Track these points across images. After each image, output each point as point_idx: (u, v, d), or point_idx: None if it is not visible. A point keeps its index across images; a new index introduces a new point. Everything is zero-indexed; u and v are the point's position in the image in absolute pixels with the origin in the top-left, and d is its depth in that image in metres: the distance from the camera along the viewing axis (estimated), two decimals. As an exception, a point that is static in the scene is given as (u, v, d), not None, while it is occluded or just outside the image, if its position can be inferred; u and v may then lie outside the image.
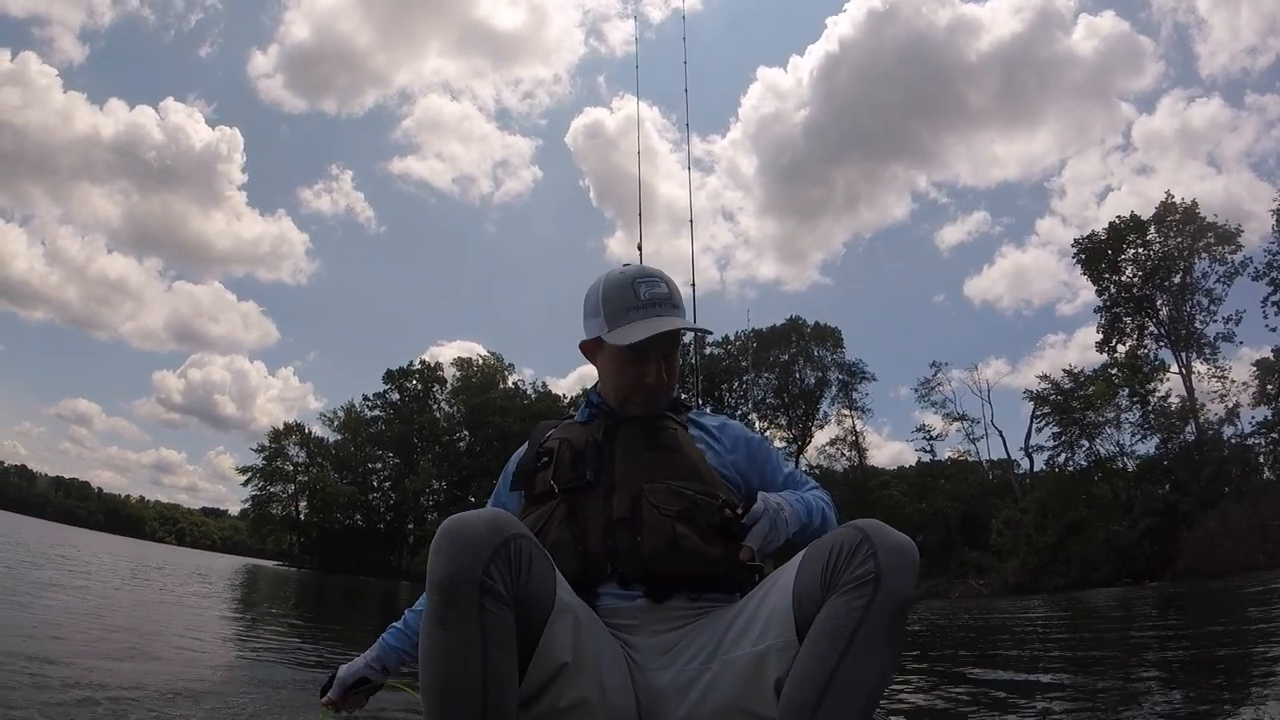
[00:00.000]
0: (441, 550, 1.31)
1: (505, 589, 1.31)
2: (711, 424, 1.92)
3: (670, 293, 1.82)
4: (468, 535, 1.32)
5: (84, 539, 45.78)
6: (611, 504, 1.69)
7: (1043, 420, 40.28)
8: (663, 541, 1.63)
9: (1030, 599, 25.40)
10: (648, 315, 1.78)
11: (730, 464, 1.85)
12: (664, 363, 1.83)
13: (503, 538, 1.33)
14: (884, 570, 1.33)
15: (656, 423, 1.84)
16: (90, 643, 6.20)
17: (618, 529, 1.66)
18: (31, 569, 14.20)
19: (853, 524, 1.43)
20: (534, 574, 1.37)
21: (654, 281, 1.82)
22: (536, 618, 1.38)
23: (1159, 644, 8.83)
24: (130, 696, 4.41)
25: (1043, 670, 7.29)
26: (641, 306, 1.79)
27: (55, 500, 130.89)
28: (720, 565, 1.65)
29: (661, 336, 1.77)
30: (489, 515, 1.37)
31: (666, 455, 1.76)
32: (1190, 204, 36.71)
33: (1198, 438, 33.87)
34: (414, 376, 63.09)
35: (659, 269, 1.89)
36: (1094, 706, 4.97)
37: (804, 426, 52.34)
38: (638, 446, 1.79)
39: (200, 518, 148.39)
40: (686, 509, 1.66)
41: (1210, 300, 36.05)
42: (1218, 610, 12.49)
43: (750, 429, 1.97)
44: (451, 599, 1.29)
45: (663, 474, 1.72)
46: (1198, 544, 26.04)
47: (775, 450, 1.96)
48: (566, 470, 1.78)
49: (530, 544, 1.38)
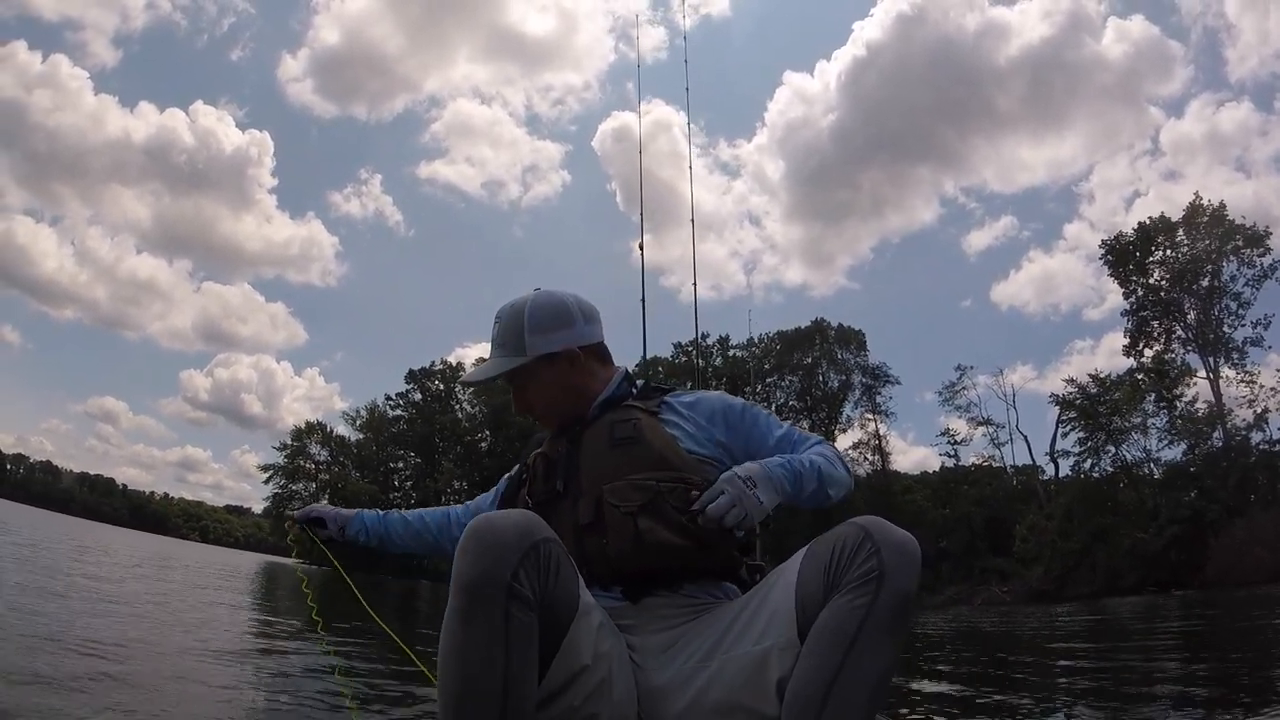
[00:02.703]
0: (469, 551, 1.31)
1: (532, 593, 1.31)
2: (684, 402, 1.92)
3: (499, 331, 1.94)
4: (497, 537, 1.32)
5: (107, 535, 46.16)
6: (578, 510, 1.71)
7: (1069, 425, 39.81)
8: (626, 540, 1.64)
9: (1055, 607, 25.11)
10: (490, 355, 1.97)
11: (708, 440, 1.84)
12: (517, 398, 1.97)
13: (532, 541, 1.33)
14: (887, 567, 1.33)
15: (620, 415, 1.85)
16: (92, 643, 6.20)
17: (585, 535, 1.68)
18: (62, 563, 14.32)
19: (854, 521, 1.42)
20: (561, 578, 1.38)
21: (498, 319, 1.95)
22: (561, 620, 1.38)
23: (1184, 653, 8.68)
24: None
25: (1063, 679, 7.18)
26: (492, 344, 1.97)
27: (80, 496, 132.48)
28: (691, 553, 1.65)
29: (486, 378, 2.00)
30: (518, 516, 1.37)
31: (629, 449, 1.77)
32: (1218, 206, 36.20)
33: (1225, 444, 33.32)
34: (436, 376, 63.36)
35: (514, 302, 1.96)
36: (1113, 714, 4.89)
37: (827, 430, 52.01)
38: (601, 447, 1.81)
39: (224, 515, 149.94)
40: (649, 501, 1.66)
41: (1238, 304, 35.42)
42: (1246, 619, 12.29)
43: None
44: (476, 601, 1.28)
45: (625, 470, 1.72)
46: (1225, 552, 25.60)
47: (763, 413, 1.93)
48: (540, 483, 1.84)
49: (559, 548, 1.38)
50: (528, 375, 1.92)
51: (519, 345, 1.90)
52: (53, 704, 3.63)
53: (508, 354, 1.91)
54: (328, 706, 4.38)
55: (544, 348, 1.89)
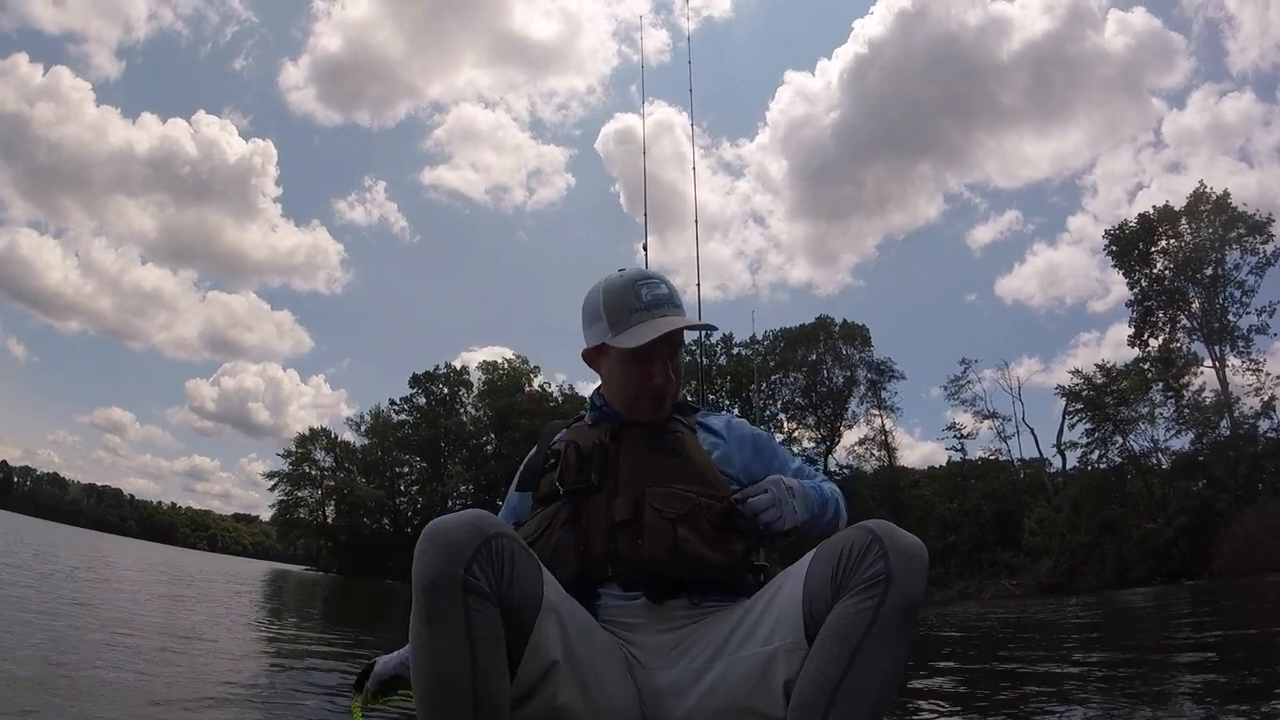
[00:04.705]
0: (425, 553, 1.32)
1: (489, 586, 1.31)
2: (718, 424, 1.94)
3: (670, 292, 1.84)
4: (449, 536, 1.32)
5: (116, 546, 46.31)
6: (614, 507, 1.69)
7: (1075, 416, 39.76)
8: (663, 545, 1.63)
9: (1065, 599, 25.03)
10: (652, 316, 1.79)
11: (739, 464, 1.86)
12: (669, 363, 1.83)
13: (484, 536, 1.34)
14: (895, 571, 1.34)
15: (663, 426, 1.85)
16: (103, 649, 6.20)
17: (619, 532, 1.67)
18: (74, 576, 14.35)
19: (862, 525, 1.43)
20: (518, 572, 1.37)
21: (654, 283, 1.83)
22: (524, 617, 1.38)
23: (1195, 644, 8.63)
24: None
25: (1072, 672, 7.13)
26: (644, 308, 1.80)
27: (88, 508, 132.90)
28: (723, 569, 1.66)
29: (666, 337, 1.77)
30: (469, 516, 1.37)
31: (672, 458, 1.76)
32: (1222, 194, 36.10)
33: (1232, 432, 33.22)
34: (440, 380, 63.35)
35: (657, 270, 1.89)
36: (1124, 708, 4.84)
37: (833, 426, 51.98)
38: (643, 450, 1.79)
39: (231, 524, 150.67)
40: (689, 512, 1.66)
41: (1243, 292, 35.37)
42: (1257, 609, 12.23)
43: (764, 426, 1.93)
44: (436, 599, 1.29)
45: (667, 477, 1.72)
46: (1235, 541, 25.49)
47: (781, 446, 1.97)
48: (572, 472, 1.79)
49: (512, 542, 1.38)
50: (682, 346, 1.88)
51: (684, 311, 1.87)
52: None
53: (684, 314, 1.85)
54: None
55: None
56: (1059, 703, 5.23)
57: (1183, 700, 5.01)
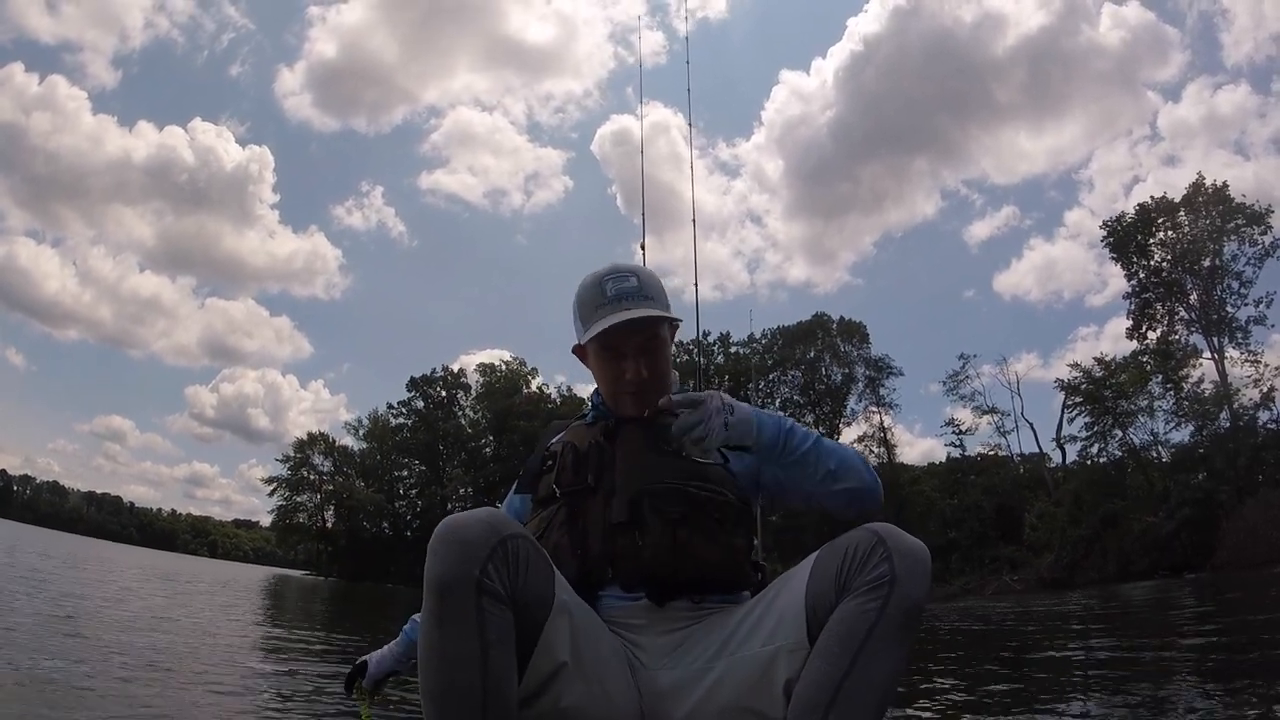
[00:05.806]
0: (438, 551, 1.30)
1: (503, 588, 1.30)
2: None
3: (640, 285, 1.78)
4: (464, 535, 1.30)
5: (108, 553, 46.28)
6: (611, 508, 1.66)
7: (1075, 410, 39.68)
8: (663, 545, 1.61)
9: (1067, 594, 25.02)
10: (614, 310, 1.75)
11: (739, 458, 1.81)
12: (643, 358, 1.77)
13: (499, 537, 1.32)
14: (898, 573, 1.34)
15: (661, 422, 1.77)
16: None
17: (617, 533, 1.64)
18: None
19: (867, 526, 1.42)
20: (532, 573, 1.36)
21: (622, 276, 1.79)
22: (535, 617, 1.36)
23: (1198, 638, 8.61)
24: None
25: (1076, 667, 7.11)
26: (608, 303, 1.76)
27: (88, 515, 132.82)
28: (724, 567, 1.65)
29: (630, 331, 1.74)
30: (485, 515, 1.35)
31: (669, 455, 1.70)
32: (1220, 185, 36.08)
33: (1232, 424, 33.18)
34: (438, 383, 63.32)
35: (635, 265, 1.85)
36: (1129, 705, 4.82)
37: (831, 424, 51.92)
38: (639, 447, 1.75)
39: (231, 530, 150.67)
40: (689, 511, 1.63)
41: (1241, 283, 35.30)
42: (1261, 600, 12.22)
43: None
44: (448, 600, 1.27)
45: (665, 475, 1.68)
46: (1237, 533, 25.44)
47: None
48: (568, 474, 1.76)
49: (528, 543, 1.37)
50: (664, 335, 1.82)
51: (664, 302, 1.82)
52: None
53: (656, 307, 1.77)
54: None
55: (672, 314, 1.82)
56: (1061, 698, 5.21)
57: (1187, 693, 4.99)
